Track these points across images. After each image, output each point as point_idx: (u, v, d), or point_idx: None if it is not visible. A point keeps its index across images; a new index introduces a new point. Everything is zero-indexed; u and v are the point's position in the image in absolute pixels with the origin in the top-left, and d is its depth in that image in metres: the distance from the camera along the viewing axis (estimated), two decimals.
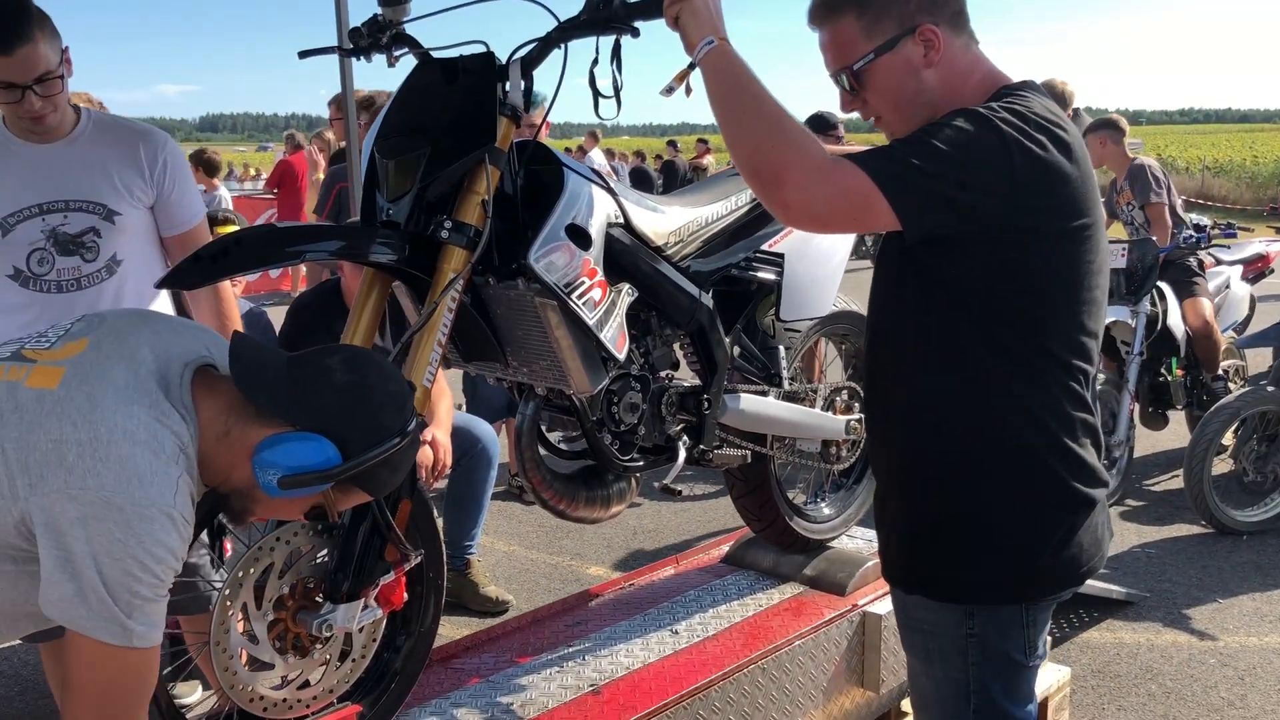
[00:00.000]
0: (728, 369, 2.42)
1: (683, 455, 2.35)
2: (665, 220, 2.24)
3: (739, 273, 2.42)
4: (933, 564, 1.73)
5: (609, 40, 1.88)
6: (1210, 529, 4.62)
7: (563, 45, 1.93)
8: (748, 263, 2.44)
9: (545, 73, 1.97)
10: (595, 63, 1.88)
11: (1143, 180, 5.26)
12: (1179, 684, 3.35)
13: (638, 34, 1.83)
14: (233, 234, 1.73)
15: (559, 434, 2.41)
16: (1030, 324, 1.60)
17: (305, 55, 2.26)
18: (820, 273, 2.57)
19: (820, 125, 5.00)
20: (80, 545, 1.34)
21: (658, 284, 2.21)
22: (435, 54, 2.00)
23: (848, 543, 3.03)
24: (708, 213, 2.34)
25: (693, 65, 1.65)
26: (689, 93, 1.70)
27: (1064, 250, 1.59)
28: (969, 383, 1.63)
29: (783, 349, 2.60)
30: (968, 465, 1.66)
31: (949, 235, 1.55)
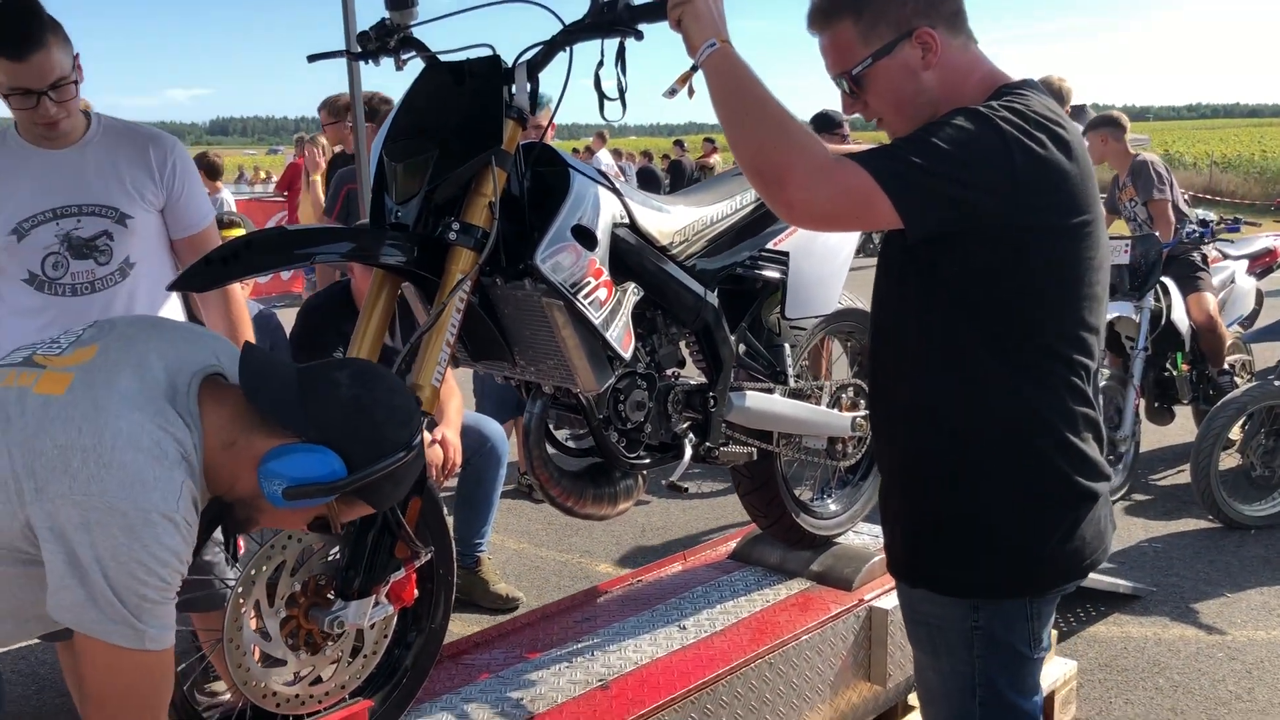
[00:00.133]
0: (733, 367, 2.43)
1: (689, 453, 2.37)
2: (670, 220, 2.25)
3: (744, 271, 2.44)
4: (934, 562, 1.75)
5: (613, 43, 1.90)
6: (1217, 523, 4.62)
7: (568, 48, 1.94)
8: (753, 261, 2.45)
9: (551, 75, 1.98)
10: (600, 65, 1.89)
11: (1145, 176, 5.25)
12: (1186, 678, 3.36)
13: (641, 37, 1.84)
14: (243, 237, 1.74)
15: (566, 432, 2.43)
16: (1031, 321, 1.61)
17: (314, 59, 2.29)
18: (825, 270, 2.58)
19: (826, 124, 5.01)
20: (85, 550, 1.35)
21: (663, 283, 2.22)
22: (442, 57, 2.02)
23: (854, 538, 3.05)
24: (712, 212, 2.36)
25: (695, 67, 1.66)
26: (691, 95, 1.71)
27: (1064, 247, 1.60)
28: (970, 382, 1.64)
29: (788, 347, 2.62)
30: (968, 465, 1.67)
31: (950, 234, 1.56)
